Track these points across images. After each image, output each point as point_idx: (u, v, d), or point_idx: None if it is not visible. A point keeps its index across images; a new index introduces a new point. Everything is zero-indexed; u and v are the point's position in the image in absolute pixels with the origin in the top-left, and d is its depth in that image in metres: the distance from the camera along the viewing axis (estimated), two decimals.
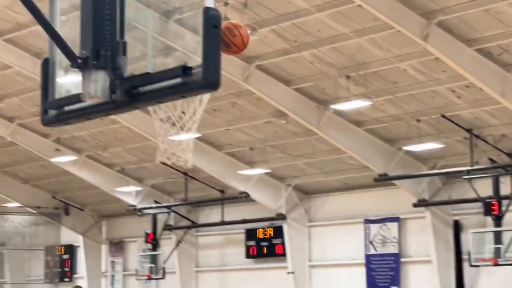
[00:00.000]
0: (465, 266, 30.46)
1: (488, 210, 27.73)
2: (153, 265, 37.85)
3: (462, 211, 31.06)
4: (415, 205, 31.32)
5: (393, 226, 33.33)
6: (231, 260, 38.66)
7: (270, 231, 36.80)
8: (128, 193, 38.43)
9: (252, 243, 37.50)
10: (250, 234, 37.47)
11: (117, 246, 43.53)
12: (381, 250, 33.67)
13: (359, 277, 34.04)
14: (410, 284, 32.77)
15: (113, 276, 43.55)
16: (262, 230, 37.07)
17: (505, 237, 27.41)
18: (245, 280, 37.99)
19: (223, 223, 37.18)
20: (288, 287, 35.78)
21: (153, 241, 38.52)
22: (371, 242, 34.02)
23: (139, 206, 38.28)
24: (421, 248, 32.34)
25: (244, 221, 36.74)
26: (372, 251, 33.94)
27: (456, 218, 31.26)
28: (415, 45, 23.13)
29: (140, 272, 38.41)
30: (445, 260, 31.35)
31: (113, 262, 43.62)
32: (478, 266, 28.37)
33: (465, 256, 30.15)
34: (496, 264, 27.48)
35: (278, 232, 36.29)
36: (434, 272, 31.46)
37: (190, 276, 39.93)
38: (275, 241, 36.73)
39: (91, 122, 31.95)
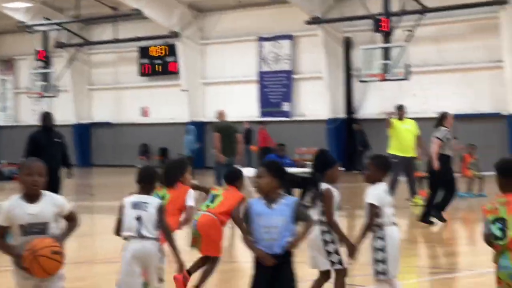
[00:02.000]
0: (354, 81, 31.24)
1: (377, 27, 28.15)
2: (45, 83, 37.47)
3: (353, 29, 31.52)
4: (307, 23, 31.58)
5: (286, 43, 33.65)
6: (125, 78, 38.56)
7: (164, 49, 36.70)
8: (17, 9, 37.42)
9: (145, 61, 37.39)
10: (144, 52, 37.30)
11: (7, 64, 42.75)
12: (274, 67, 34.09)
13: (252, 94, 34.53)
14: (301, 100, 33.46)
15: (3, 93, 42.99)
16: (155, 48, 36.93)
17: (393, 53, 27.99)
18: (138, 98, 38.08)
19: (116, 40, 36.80)
20: (182, 105, 36.11)
21: (45, 58, 37.94)
22: (264, 60, 34.35)
23: (29, 22, 37.41)
24: (313, 65, 32.88)
25: (138, 39, 36.43)
26: (265, 69, 34.34)
27: (347, 35, 31.73)
28: None
29: (32, 90, 38.01)
30: (336, 76, 32.04)
31: (3, 80, 42.95)
32: (366, 81, 29.06)
33: (354, 72, 30.84)
34: (383, 80, 28.19)
35: (172, 50, 36.22)
36: (325, 88, 32.18)
37: (83, 94, 39.78)
38: (168, 59, 36.70)
39: None
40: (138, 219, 7.17)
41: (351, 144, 31.86)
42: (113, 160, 38.17)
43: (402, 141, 17.97)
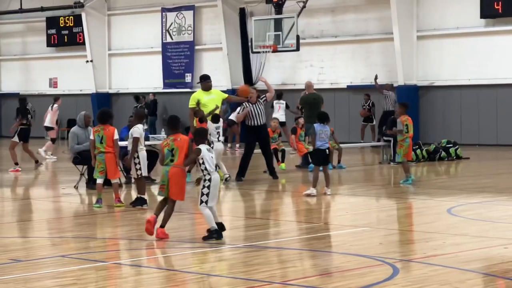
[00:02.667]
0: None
1: None
2: None
3: None
4: None
5: (189, 14, 33.61)
6: (33, 49, 38.26)
7: (71, 20, 36.47)
8: None
9: (53, 31, 37.14)
10: (51, 22, 37.02)
11: None
12: (177, 39, 34.06)
13: (157, 65, 34.49)
14: (203, 71, 33.28)
15: None
16: (63, 18, 36.67)
17: (285, 25, 28.04)
18: (47, 69, 37.82)
19: (21, 10, 36.49)
20: (88, 75, 35.98)
21: None
22: (167, 31, 34.30)
23: None
24: (214, 36, 32.93)
25: (43, 9, 36.12)
26: (169, 39, 34.30)
27: (244, 6, 31.74)
28: None
29: None
30: (235, 47, 32.10)
31: None
32: (258, 52, 29.13)
33: (250, 43, 30.87)
34: (275, 51, 28.27)
35: (79, 20, 35.98)
36: (225, 59, 32.26)
37: None
38: (76, 30, 36.49)
39: None
40: None
41: None
42: None
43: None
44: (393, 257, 9.41)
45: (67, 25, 36.68)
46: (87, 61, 35.68)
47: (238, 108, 17.81)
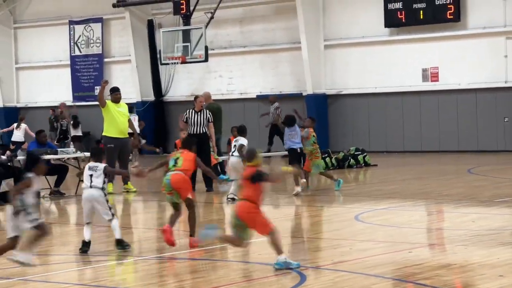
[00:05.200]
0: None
1: (177, 9, 28.28)
2: None
3: (159, 11, 31.52)
4: (114, 6, 31.54)
5: (97, 26, 33.40)
6: None
7: None
8: None
9: None
10: None
11: None
12: (85, 51, 33.81)
13: (65, 78, 34.17)
14: (113, 83, 33.02)
15: None
16: None
17: (194, 36, 28.11)
18: None
19: None
20: None
21: None
22: (76, 43, 34.01)
23: None
24: (123, 48, 32.81)
25: None
26: (77, 52, 34.03)
27: (152, 18, 31.73)
28: None
29: None
30: (144, 59, 32.04)
31: None
32: (168, 64, 29.14)
33: (159, 55, 30.85)
34: (184, 62, 28.34)
35: None
36: (134, 71, 32.16)
37: None
38: None
39: None
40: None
41: (161, 126, 32.04)
42: None
43: (120, 123, 17.36)
44: (301, 264, 9.54)
45: None
46: None
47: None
